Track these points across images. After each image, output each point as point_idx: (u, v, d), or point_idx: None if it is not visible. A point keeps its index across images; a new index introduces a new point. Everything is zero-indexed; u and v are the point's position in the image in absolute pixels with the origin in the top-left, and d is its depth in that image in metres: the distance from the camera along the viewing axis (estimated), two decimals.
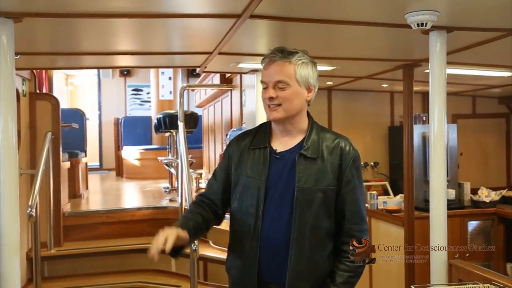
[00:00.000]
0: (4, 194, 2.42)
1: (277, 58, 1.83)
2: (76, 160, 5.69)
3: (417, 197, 4.45)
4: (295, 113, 1.86)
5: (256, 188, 1.85)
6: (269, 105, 1.83)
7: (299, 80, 1.83)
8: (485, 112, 6.09)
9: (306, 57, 1.86)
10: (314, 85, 1.88)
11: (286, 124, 1.88)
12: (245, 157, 1.92)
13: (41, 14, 2.41)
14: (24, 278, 4.06)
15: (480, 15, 2.50)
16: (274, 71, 1.82)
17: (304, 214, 1.81)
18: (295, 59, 1.82)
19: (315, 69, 1.89)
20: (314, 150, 1.86)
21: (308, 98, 1.88)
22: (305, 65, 1.84)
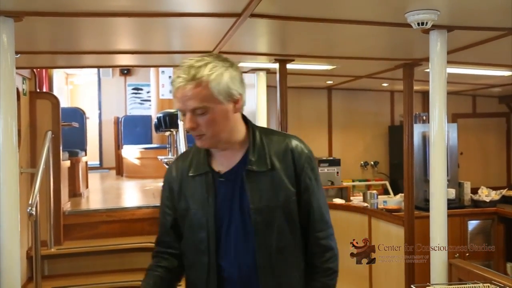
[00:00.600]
0: (4, 193, 2.42)
1: (184, 83, 1.46)
2: (76, 159, 5.68)
3: (417, 197, 4.45)
4: (226, 135, 1.55)
5: (204, 221, 1.58)
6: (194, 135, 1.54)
7: (218, 97, 1.48)
8: (485, 111, 6.10)
9: (218, 64, 1.49)
10: (239, 93, 1.53)
11: (221, 147, 1.59)
12: (186, 187, 1.64)
13: (42, 13, 2.41)
14: (24, 276, 4.06)
15: (481, 15, 2.50)
16: (186, 97, 1.47)
17: (266, 238, 1.56)
18: (206, 75, 1.46)
19: (235, 71, 1.53)
20: (261, 162, 1.58)
21: (236, 110, 1.54)
22: (219, 76, 1.48)
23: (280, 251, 1.58)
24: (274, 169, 1.59)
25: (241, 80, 1.55)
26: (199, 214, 1.60)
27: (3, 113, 2.40)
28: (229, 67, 1.51)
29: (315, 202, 1.64)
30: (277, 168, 1.59)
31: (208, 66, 1.48)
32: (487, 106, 6.12)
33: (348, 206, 4.97)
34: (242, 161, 1.60)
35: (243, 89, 1.56)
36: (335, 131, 5.85)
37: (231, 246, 1.58)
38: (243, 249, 1.58)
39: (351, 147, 5.90)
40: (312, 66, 4.15)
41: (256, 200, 1.56)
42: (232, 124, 1.56)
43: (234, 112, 1.55)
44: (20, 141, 3.79)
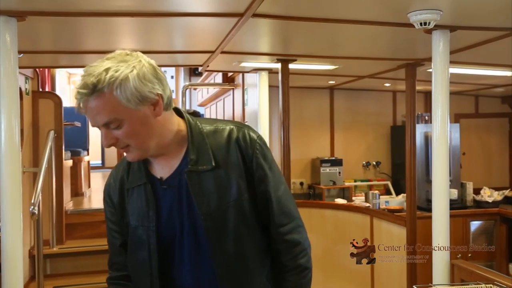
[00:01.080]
0: (7, 192, 2.42)
1: (85, 97, 1.25)
2: (78, 158, 5.70)
3: (419, 197, 4.45)
4: (154, 142, 1.35)
5: (145, 238, 1.41)
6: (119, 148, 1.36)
7: (129, 105, 1.26)
8: (488, 111, 6.08)
9: (120, 66, 1.27)
10: (155, 93, 1.31)
11: (155, 154, 1.40)
12: (126, 201, 1.47)
13: (44, 13, 2.41)
14: (27, 275, 4.07)
15: (484, 15, 2.50)
16: (93, 113, 1.28)
17: (221, 244, 1.39)
18: (108, 83, 1.24)
19: (145, 69, 1.30)
20: (203, 159, 1.39)
21: (157, 113, 1.32)
22: (125, 81, 1.25)
23: (239, 257, 1.41)
24: (219, 166, 1.39)
25: (155, 76, 1.32)
26: (139, 231, 1.43)
27: (6, 113, 2.40)
28: (135, 66, 1.28)
29: (272, 193, 1.43)
30: (221, 164, 1.40)
31: (109, 72, 1.25)
32: (490, 107, 6.11)
33: (350, 206, 4.96)
34: (183, 162, 1.40)
35: (161, 86, 1.33)
36: (337, 131, 5.85)
37: (186, 260, 1.41)
38: (199, 261, 1.41)
39: (353, 147, 5.89)
40: (314, 66, 4.14)
41: (204, 204, 1.38)
42: (158, 128, 1.34)
43: (156, 116, 1.32)
44: (22, 141, 3.80)
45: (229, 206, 1.39)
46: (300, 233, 1.48)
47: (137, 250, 1.45)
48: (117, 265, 1.58)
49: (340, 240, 4.71)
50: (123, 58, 1.29)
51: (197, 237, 1.40)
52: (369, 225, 4.65)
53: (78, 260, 4.40)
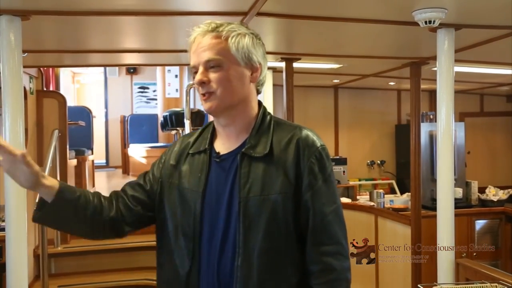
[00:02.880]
0: (11, 191, 2.43)
1: (203, 33, 1.38)
2: (82, 157, 5.70)
3: (424, 196, 4.44)
4: (237, 101, 1.39)
5: (192, 202, 1.40)
6: (202, 93, 1.39)
7: (236, 56, 1.36)
8: (493, 110, 6.07)
9: (243, 28, 1.40)
10: (259, 62, 1.40)
11: (227, 117, 1.42)
12: (182, 163, 1.48)
13: (48, 12, 2.41)
14: (31, 275, 4.08)
15: (489, 13, 2.49)
16: (202, 48, 1.37)
17: (250, 233, 1.34)
18: (228, 30, 1.36)
19: (259, 42, 1.43)
20: (261, 146, 1.38)
21: (253, 79, 1.40)
22: (242, 37, 1.37)
23: (263, 253, 1.34)
24: (272, 157, 1.37)
25: (263, 52, 1.44)
26: (189, 194, 1.42)
27: (11, 112, 2.41)
28: (252, 34, 1.41)
29: (318, 206, 1.36)
30: (276, 156, 1.37)
31: (231, 25, 1.38)
32: (495, 105, 6.09)
33: (355, 205, 4.95)
34: (242, 145, 1.41)
35: (264, 61, 1.44)
36: (342, 130, 5.84)
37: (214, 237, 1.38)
38: (224, 244, 1.37)
39: (357, 146, 5.89)
40: (319, 65, 4.14)
41: (246, 189, 1.35)
42: (246, 92, 1.40)
43: (251, 81, 1.41)
44: (27, 140, 3.80)
45: (268, 198, 1.35)
46: (340, 260, 1.38)
47: (183, 212, 1.42)
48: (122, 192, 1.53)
49: None
50: (246, 26, 1.43)
51: (227, 222, 1.37)
52: (374, 224, 4.64)
53: (82, 260, 4.40)
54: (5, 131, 2.42)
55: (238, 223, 1.35)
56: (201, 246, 1.39)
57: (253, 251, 1.34)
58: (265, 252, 1.35)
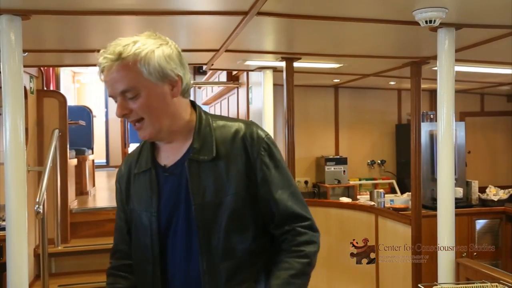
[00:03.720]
0: (12, 190, 2.43)
1: (110, 63, 1.34)
2: (83, 157, 5.70)
3: (425, 196, 4.43)
4: (167, 122, 1.37)
5: (148, 223, 1.41)
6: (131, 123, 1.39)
7: (150, 78, 1.31)
8: (493, 110, 6.06)
9: (148, 42, 1.35)
10: (176, 74, 1.35)
11: (165, 138, 1.41)
12: (132, 186, 1.48)
13: (49, 12, 2.41)
14: (32, 274, 4.08)
15: (489, 12, 2.49)
16: (113, 80, 1.33)
17: (210, 238, 1.35)
18: (134, 54, 1.31)
19: (171, 50, 1.37)
20: (206, 150, 1.38)
21: (174, 94, 1.36)
22: (150, 54, 1.32)
23: (227, 255, 1.36)
24: (220, 158, 1.37)
25: (179, 59, 1.37)
26: (143, 216, 1.43)
27: (11, 111, 2.41)
28: (162, 45, 1.35)
29: (277, 194, 1.38)
30: (223, 157, 1.38)
31: (136, 44, 1.34)
32: (495, 105, 6.08)
33: (355, 205, 4.95)
34: (188, 152, 1.40)
35: (182, 70, 1.37)
36: (342, 130, 5.84)
37: (177, 251, 1.40)
38: (189, 253, 1.38)
39: (358, 146, 5.88)
40: (319, 64, 4.13)
41: (200, 195, 1.36)
42: (173, 109, 1.37)
43: (173, 97, 1.36)
44: (27, 139, 3.80)
45: (224, 201, 1.36)
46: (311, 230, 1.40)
47: (140, 236, 1.44)
48: (119, 253, 1.57)
49: (345, 239, 4.69)
50: (154, 37, 1.37)
51: (188, 229, 1.38)
52: (374, 224, 4.64)
53: (83, 259, 4.40)
54: (5, 130, 2.42)
55: (197, 229, 1.36)
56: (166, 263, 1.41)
57: (216, 254, 1.36)
58: (228, 252, 1.36)
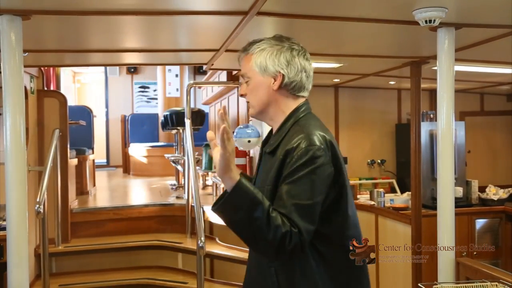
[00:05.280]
0: (12, 190, 2.43)
1: (240, 53, 1.76)
2: (83, 157, 5.71)
3: (424, 195, 4.44)
4: (266, 106, 1.68)
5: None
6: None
7: (257, 69, 1.67)
8: (493, 109, 6.06)
9: (267, 43, 1.69)
10: (277, 71, 1.65)
11: (264, 119, 1.74)
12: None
13: (49, 12, 2.41)
14: (32, 274, 4.08)
15: (489, 12, 2.49)
16: (240, 66, 1.75)
17: None
18: (253, 49, 1.69)
19: (278, 52, 1.67)
20: (274, 144, 1.64)
21: (276, 87, 1.65)
22: (261, 52, 1.67)
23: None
24: (275, 155, 1.61)
25: (288, 60, 1.66)
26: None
27: (12, 112, 2.41)
28: (277, 46, 1.69)
29: (286, 187, 1.51)
30: (277, 154, 1.59)
31: (259, 42, 1.72)
32: (495, 104, 6.09)
33: (355, 204, 4.96)
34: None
35: (288, 69, 1.66)
36: (342, 129, 5.84)
37: None
38: None
39: (358, 145, 5.89)
40: (319, 64, 4.14)
41: (259, 181, 1.68)
42: (272, 99, 1.68)
43: (275, 89, 1.66)
44: (28, 139, 3.81)
45: (265, 189, 1.57)
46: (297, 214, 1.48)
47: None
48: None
49: None
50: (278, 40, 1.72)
51: None
52: (374, 223, 4.64)
53: (83, 259, 4.41)
54: (5, 130, 2.42)
55: None
56: None
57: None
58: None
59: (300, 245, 1.47)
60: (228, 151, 1.44)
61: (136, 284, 4.14)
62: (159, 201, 5.14)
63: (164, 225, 4.84)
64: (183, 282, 4.09)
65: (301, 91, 1.69)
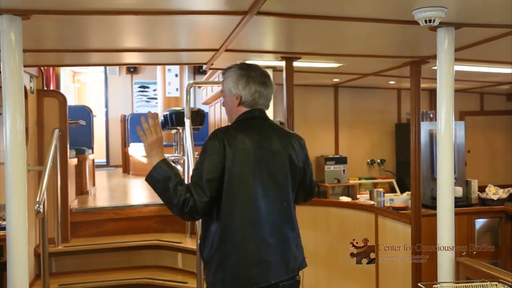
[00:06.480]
0: (12, 190, 2.43)
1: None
2: (83, 156, 5.71)
3: (424, 195, 4.44)
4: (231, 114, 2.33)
5: None
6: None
7: (226, 91, 2.30)
8: (493, 109, 6.07)
9: (233, 71, 2.28)
10: (237, 93, 2.26)
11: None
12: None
13: (49, 12, 2.41)
14: (32, 273, 4.09)
15: (489, 12, 2.49)
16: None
17: None
18: (225, 75, 2.31)
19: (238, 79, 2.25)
20: None
21: (236, 104, 2.28)
22: (227, 78, 2.29)
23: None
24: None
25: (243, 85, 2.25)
26: None
27: (11, 111, 2.41)
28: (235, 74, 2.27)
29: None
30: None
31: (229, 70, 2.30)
32: (495, 104, 6.09)
33: (355, 204, 4.96)
34: None
35: (244, 92, 2.25)
36: (342, 129, 5.84)
37: None
38: None
39: (357, 145, 5.89)
40: (319, 64, 4.14)
41: None
42: (232, 112, 2.32)
43: (236, 105, 2.28)
44: (27, 139, 3.81)
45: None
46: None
47: None
48: None
49: (344, 238, 4.70)
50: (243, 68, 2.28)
51: None
52: (374, 223, 4.64)
53: (83, 258, 4.41)
54: (5, 130, 2.42)
55: None
56: None
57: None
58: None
59: (195, 209, 2.07)
60: (154, 137, 2.17)
61: (136, 284, 4.14)
62: (159, 201, 5.08)
63: (164, 225, 4.84)
64: (183, 282, 4.10)
65: (256, 106, 2.28)
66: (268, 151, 2.19)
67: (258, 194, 2.14)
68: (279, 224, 2.18)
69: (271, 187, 2.18)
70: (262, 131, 2.24)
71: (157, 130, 2.17)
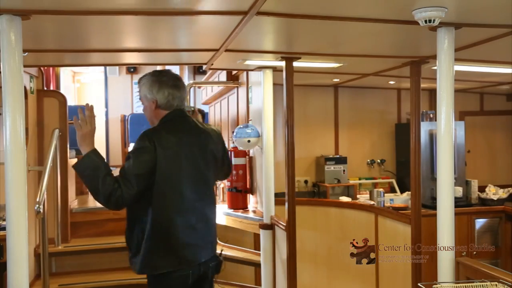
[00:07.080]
0: (12, 190, 2.43)
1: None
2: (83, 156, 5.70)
3: (424, 195, 4.44)
4: (152, 118, 2.61)
5: None
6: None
7: (143, 98, 2.62)
8: (493, 109, 6.07)
9: (146, 79, 2.60)
10: (152, 98, 2.58)
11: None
12: None
13: (49, 11, 2.41)
14: (32, 274, 4.09)
15: (489, 12, 2.49)
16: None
17: None
18: (140, 83, 2.63)
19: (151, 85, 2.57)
20: None
21: (153, 107, 2.58)
22: (142, 86, 2.61)
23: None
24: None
25: (157, 90, 2.57)
26: None
27: (11, 111, 2.41)
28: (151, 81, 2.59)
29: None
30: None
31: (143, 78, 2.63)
32: (495, 104, 6.09)
33: (355, 204, 4.96)
34: None
35: (158, 96, 2.57)
36: (342, 129, 5.84)
37: None
38: None
39: (357, 145, 5.89)
40: (319, 64, 4.14)
41: None
42: (152, 115, 2.61)
43: (153, 109, 2.59)
44: (27, 139, 3.81)
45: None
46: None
47: None
48: None
49: (344, 238, 4.70)
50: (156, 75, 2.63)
51: None
52: (374, 223, 4.64)
53: (83, 259, 4.41)
54: (5, 130, 2.42)
55: None
56: None
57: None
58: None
59: (122, 199, 2.33)
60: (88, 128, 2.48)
61: (136, 284, 4.14)
62: None
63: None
64: None
65: (171, 107, 2.57)
66: (193, 146, 2.54)
67: (186, 187, 2.46)
68: (204, 210, 2.54)
69: (197, 178, 2.52)
70: (186, 129, 2.58)
71: (92, 122, 2.47)
